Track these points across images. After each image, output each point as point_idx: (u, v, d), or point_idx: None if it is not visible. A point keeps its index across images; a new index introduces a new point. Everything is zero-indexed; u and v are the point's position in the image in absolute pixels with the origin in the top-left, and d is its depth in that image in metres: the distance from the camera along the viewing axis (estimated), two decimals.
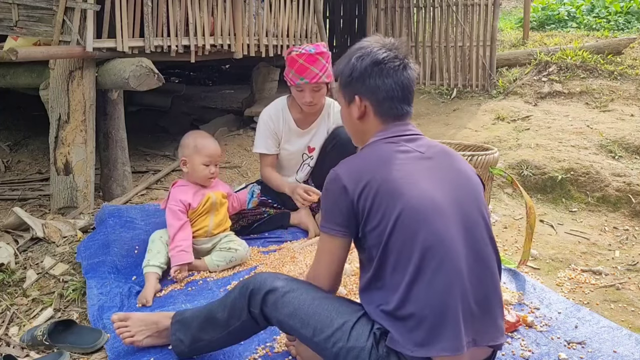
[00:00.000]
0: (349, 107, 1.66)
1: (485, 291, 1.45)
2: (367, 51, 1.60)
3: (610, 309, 2.38)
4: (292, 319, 1.56)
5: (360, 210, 1.47)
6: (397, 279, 1.42)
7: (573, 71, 5.82)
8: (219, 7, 4.09)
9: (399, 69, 1.58)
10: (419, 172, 1.50)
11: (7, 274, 2.52)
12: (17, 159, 4.44)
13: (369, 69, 1.58)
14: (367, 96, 1.60)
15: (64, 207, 3.26)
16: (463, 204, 1.48)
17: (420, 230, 1.40)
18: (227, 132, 5.28)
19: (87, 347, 1.98)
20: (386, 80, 1.57)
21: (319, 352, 1.55)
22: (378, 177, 1.47)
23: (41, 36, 3.24)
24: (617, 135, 4.29)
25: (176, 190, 2.51)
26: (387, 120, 1.61)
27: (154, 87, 3.24)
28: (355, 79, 1.60)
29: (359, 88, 1.60)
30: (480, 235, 1.48)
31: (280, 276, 1.66)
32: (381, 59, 1.57)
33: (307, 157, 2.99)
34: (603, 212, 3.50)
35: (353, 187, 1.48)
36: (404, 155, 1.53)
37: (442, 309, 1.37)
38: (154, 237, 2.47)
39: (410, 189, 1.44)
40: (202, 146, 2.50)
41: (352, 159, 1.59)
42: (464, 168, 1.58)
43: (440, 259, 1.39)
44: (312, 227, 2.93)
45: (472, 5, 6.27)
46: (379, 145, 1.58)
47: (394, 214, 1.42)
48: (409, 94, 1.60)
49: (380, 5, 6.75)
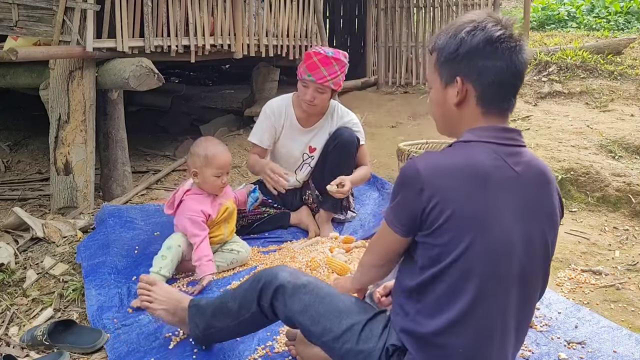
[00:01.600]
0: (445, 89, 1.41)
1: (521, 329, 1.42)
2: (481, 25, 1.35)
3: (610, 309, 2.38)
4: (302, 316, 1.55)
5: (429, 221, 1.32)
6: (443, 307, 1.33)
7: (573, 71, 5.82)
8: (219, 7, 4.09)
9: (514, 51, 1.35)
10: (505, 201, 1.32)
11: (7, 274, 2.52)
12: (17, 159, 4.44)
13: (480, 47, 1.34)
14: (472, 78, 1.36)
15: (64, 207, 3.26)
16: (534, 247, 1.36)
17: (486, 269, 1.30)
18: (227, 132, 5.28)
19: (87, 347, 1.98)
20: (497, 62, 1.34)
21: (327, 350, 1.54)
22: (460, 193, 1.30)
23: (41, 36, 3.24)
24: (617, 135, 4.29)
25: (193, 200, 2.41)
26: (489, 111, 1.38)
27: (154, 87, 3.24)
28: (462, 56, 1.36)
29: (463, 67, 1.36)
30: (535, 283, 1.41)
31: (294, 271, 1.64)
32: (497, 37, 1.33)
33: (307, 156, 2.99)
34: (603, 212, 3.49)
35: (430, 193, 1.30)
36: (497, 172, 1.32)
37: (476, 351, 1.33)
38: (172, 244, 2.36)
39: (489, 223, 1.30)
40: (213, 157, 2.39)
41: (440, 156, 1.37)
42: (552, 201, 1.41)
43: (496, 307, 1.32)
44: (312, 227, 2.93)
45: (472, 5, 6.28)
46: (475, 148, 1.35)
47: (463, 243, 1.29)
48: (519, 82, 1.39)
49: (380, 5, 6.75)
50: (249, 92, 5.90)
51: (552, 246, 1.42)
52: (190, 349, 1.87)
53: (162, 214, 2.92)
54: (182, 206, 2.42)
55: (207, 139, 2.53)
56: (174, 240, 2.38)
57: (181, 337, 1.94)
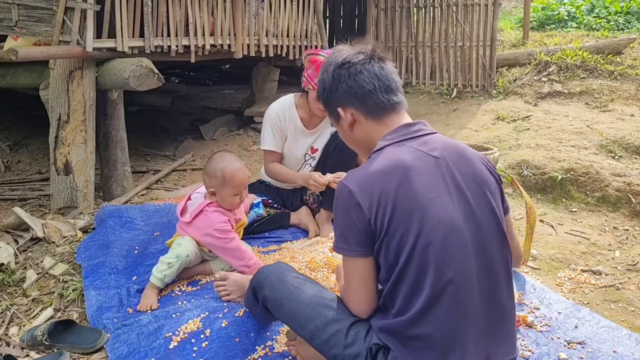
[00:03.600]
0: (340, 123, 1.56)
1: (498, 307, 1.42)
2: (330, 61, 1.53)
3: (610, 309, 2.38)
4: (290, 321, 1.63)
5: (378, 229, 1.37)
6: (412, 301, 1.36)
7: (573, 71, 5.82)
8: (219, 7, 4.09)
9: (365, 62, 1.49)
10: (435, 184, 1.38)
11: (7, 274, 2.52)
12: (17, 159, 4.44)
13: (335, 75, 1.51)
14: (347, 102, 1.51)
15: (64, 207, 3.26)
16: (478, 217, 1.40)
17: (438, 256, 1.33)
18: (227, 132, 5.28)
19: (87, 347, 1.98)
20: (357, 77, 1.48)
21: (319, 352, 1.57)
22: (393, 191, 1.36)
23: (41, 36, 3.24)
24: (617, 135, 4.29)
25: (217, 213, 2.36)
26: (381, 117, 1.50)
27: (154, 87, 3.24)
28: (329, 91, 1.53)
29: (337, 99, 1.52)
30: (495, 250, 1.41)
31: (274, 281, 1.67)
32: (342, 60, 1.50)
33: (309, 157, 2.99)
34: (603, 212, 3.49)
35: (368, 203, 1.37)
36: (418, 162, 1.40)
37: (454, 332, 1.35)
38: (181, 254, 2.29)
39: (427, 208, 1.35)
40: (231, 178, 2.31)
41: (362, 169, 1.45)
42: (480, 170, 1.47)
43: (457, 285, 1.34)
44: (312, 227, 2.93)
45: (472, 5, 6.27)
46: (388, 150, 1.45)
47: (411, 238, 1.34)
48: (390, 82, 1.50)
49: (380, 5, 6.75)
50: (249, 92, 5.90)
51: (500, 211, 1.46)
52: (190, 349, 1.87)
53: (162, 214, 2.92)
54: (206, 219, 2.35)
55: (222, 156, 2.39)
56: (184, 249, 2.31)
57: (181, 337, 1.94)
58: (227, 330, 1.94)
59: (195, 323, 2.00)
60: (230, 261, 2.36)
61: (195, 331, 1.96)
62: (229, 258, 2.35)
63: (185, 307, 2.12)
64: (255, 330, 1.96)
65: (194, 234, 2.37)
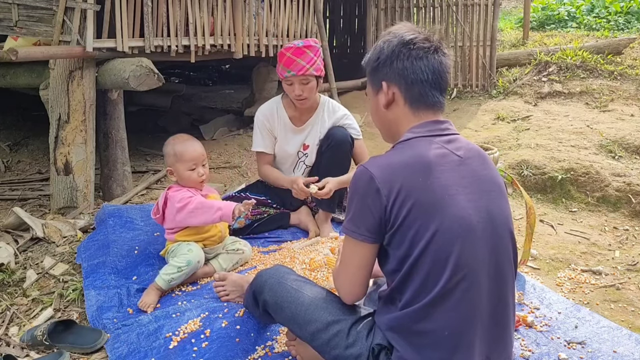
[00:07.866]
0: (377, 96, 1.53)
1: (502, 309, 1.42)
2: (396, 34, 1.49)
3: (610, 309, 2.38)
4: (291, 324, 1.63)
5: (393, 218, 1.37)
6: (422, 294, 1.36)
7: (573, 71, 5.82)
8: (219, 7, 4.08)
9: (429, 51, 1.46)
10: (457, 182, 1.39)
11: (7, 274, 2.52)
12: (17, 159, 4.44)
13: (396, 51, 1.46)
14: (395, 81, 1.48)
15: (64, 207, 3.26)
16: (494, 219, 1.41)
17: (453, 254, 1.33)
18: (227, 132, 5.28)
19: (87, 347, 1.98)
20: (415, 62, 1.45)
21: (319, 353, 1.58)
22: (415, 184, 1.36)
23: (41, 36, 3.24)
24: (617, 135, 4.29)
25: (179, 192, 2.39)
26: (419, 109, 1.48)
27: (154, 87, 3.23)
28: (382, 62, 1.49)
29: (386, 72, 1.49)
30: (505, 252, 1.43)
31: (274, 285, 1.68)
32: (409, 40, 1.46)
33: (302, 154, 2.99)
34: (603, 212, 3.49)
35: (387, 190, 1.36)
36: (442, 159, 1.40)
37: (461, 331, 1.35)
38: (192, 260, 2.29)
39: (447, 205, 1.35)
40: (182, 152, 2.39)
41: (386, 157, 1.44)
42: (496, 174, 1.49)
43: (470, 283, 1.34)
44: (312, 227, 2.93)
45: (472, 5, 6.28)
46: (415, 143, 1.44)
47: (428, 233, 1.34)
48: (441, 80, 1.48)
49: (380, 5, 6.75)
50: (249, 92, 5.90)
51: (510, 214, 1.49)
52: (190, 349, 1.88)
53: None
54: (170, 201, 2.38)
55: (174, 137, 2.50)
56: (195, 256, 2.32)
57: (181, 337, 1.94)
58: (227, 330, 1.94)
59: (195, 323, 2.00)
60: (206, 220, 2.33)
61: (195, 331, 1.96)
62: (202, 218, 2.32)
63: (185, 307, 2.12)
64: (255, 330, 1.96)
65: (171, 225, 2.38)
